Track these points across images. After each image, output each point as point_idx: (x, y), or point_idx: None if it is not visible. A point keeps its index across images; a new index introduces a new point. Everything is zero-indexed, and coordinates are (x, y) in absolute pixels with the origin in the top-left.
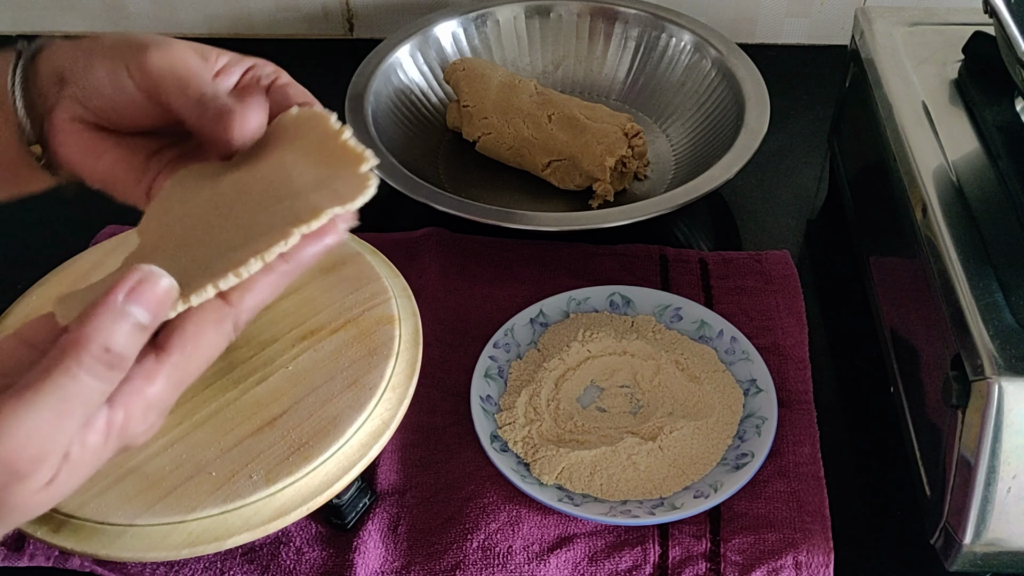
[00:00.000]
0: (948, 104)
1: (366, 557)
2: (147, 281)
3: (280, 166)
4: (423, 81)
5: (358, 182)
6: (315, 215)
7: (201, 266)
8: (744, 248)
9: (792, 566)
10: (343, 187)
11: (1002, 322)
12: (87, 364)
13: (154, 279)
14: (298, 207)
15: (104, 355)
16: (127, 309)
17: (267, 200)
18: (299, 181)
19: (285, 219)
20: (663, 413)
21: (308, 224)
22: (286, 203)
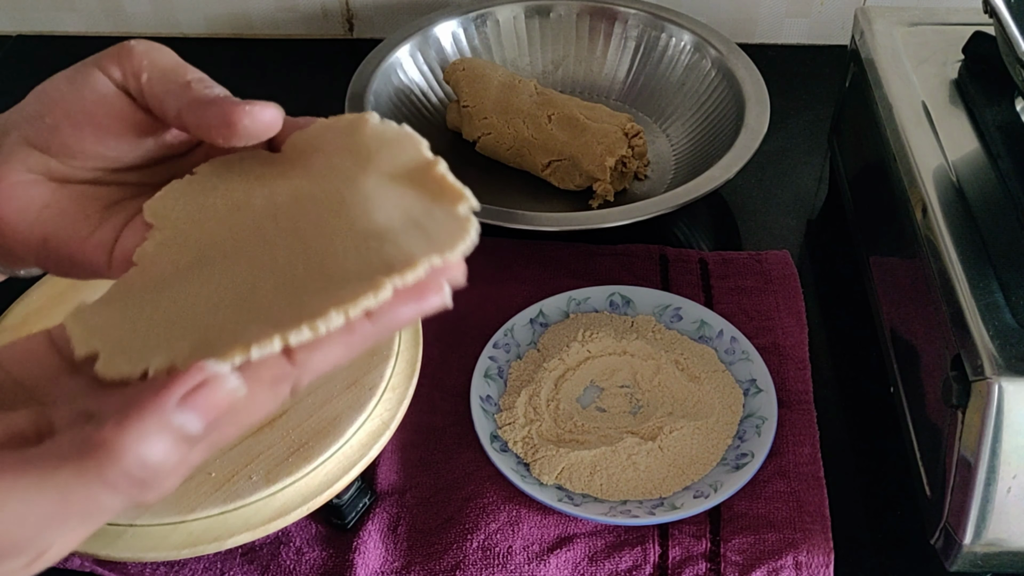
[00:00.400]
0: (948, 104)
1: (366, 557)
2: (210, 385)
3: (354, 187)
4: (423, 81)
5: (456, 226)
6: (410, 264)
7: (260, 301)
8: (744, 248)
9: (792, 566)
10: (437, 230)
11: (1002, 322)
12: (112, 480)
13: (219, 383)
14: (387, 251)
15: (138, 471)
16: (177, 419)
17: (343, 231)
18: (382, 214)
19: (372, 264)
20: (663, 413)
21: (402, 275)
22: (371, 243)
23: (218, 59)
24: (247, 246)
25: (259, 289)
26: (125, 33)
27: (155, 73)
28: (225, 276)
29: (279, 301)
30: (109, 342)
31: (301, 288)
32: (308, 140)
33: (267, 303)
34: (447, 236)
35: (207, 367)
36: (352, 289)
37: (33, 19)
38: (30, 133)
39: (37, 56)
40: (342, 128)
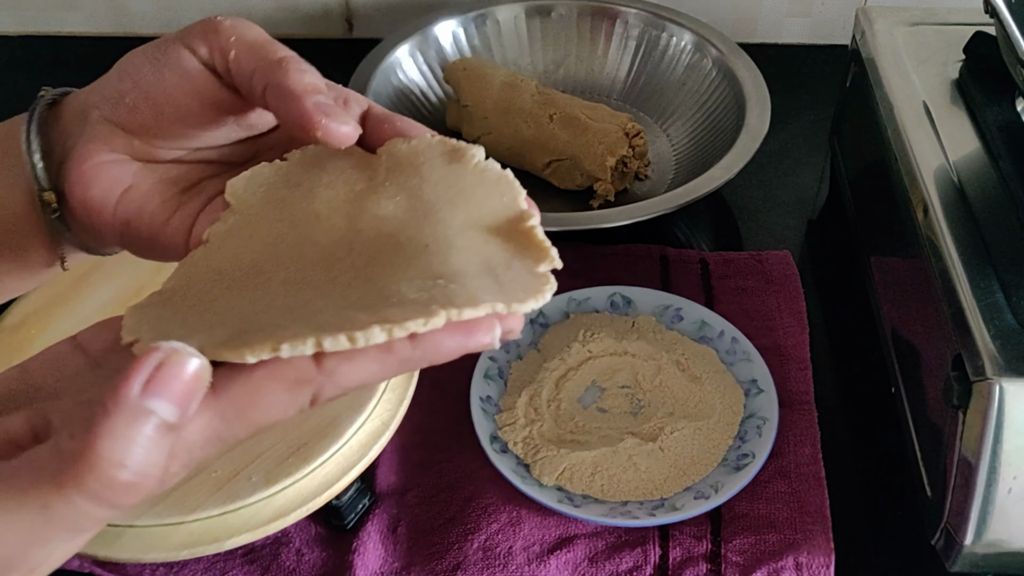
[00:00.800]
0: (949, 104)
1: (366, 558)
2: (170, 364)
3: (441, 226)
4: (423, 81)
5: (533, 282)
6: (471, 303)
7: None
8: (745, 248)
9: (793, 567)
10: (512, 282)
11: (1003, 322)
12: (93, 491)
13: (180, 360)
14: (452, 289)
15: (120, 475)
16: (145, 405)
17: (417, 264)
18: (460, 259)
19: (433, 295)
20: (664, 414)
21: (460, 309)
22: (440, 281)
23: None
24: (313, 265)
25: (311, 304)
26: (128, 33)
27: (243, 50)
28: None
29: (326, 313)
30: (153, 330)
31: (352, 306)
32: (408, 155)
33: (315, 313)
34: (521, 290)
35: (162, 346)
36: (404, 311)
37: (36, 19)
38: (112, 113)
39: (40, 56)
40: (446, 153)
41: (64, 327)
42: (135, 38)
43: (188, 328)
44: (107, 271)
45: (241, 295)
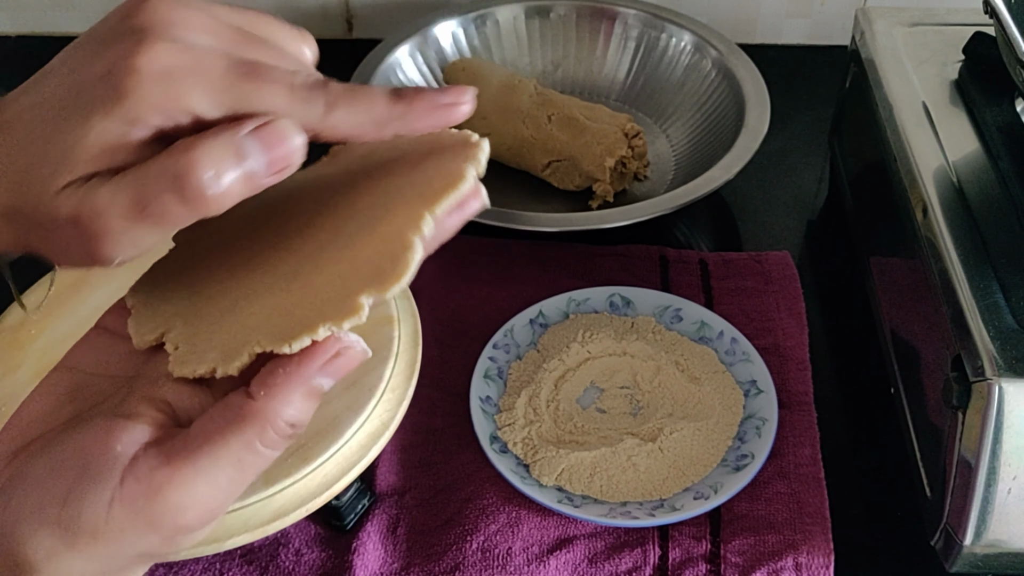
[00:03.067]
0: (948, 105)
1: (365, 559)
2: (344, 354)
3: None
4: (423, 81)
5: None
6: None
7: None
8: (744, 249)
9: (792, 567)
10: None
11: (1003, 323)
12: (271, 439)
13: (352, 351)
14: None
15: (286, 429)
16: (319, 382)
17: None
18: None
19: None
20: (663, 414)
21: (312, 334)
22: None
23: None
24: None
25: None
26: None
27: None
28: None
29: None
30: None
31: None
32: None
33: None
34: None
35: (343, 338)
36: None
37: (32, 19)
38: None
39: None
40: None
41: (64, 327)
42: None
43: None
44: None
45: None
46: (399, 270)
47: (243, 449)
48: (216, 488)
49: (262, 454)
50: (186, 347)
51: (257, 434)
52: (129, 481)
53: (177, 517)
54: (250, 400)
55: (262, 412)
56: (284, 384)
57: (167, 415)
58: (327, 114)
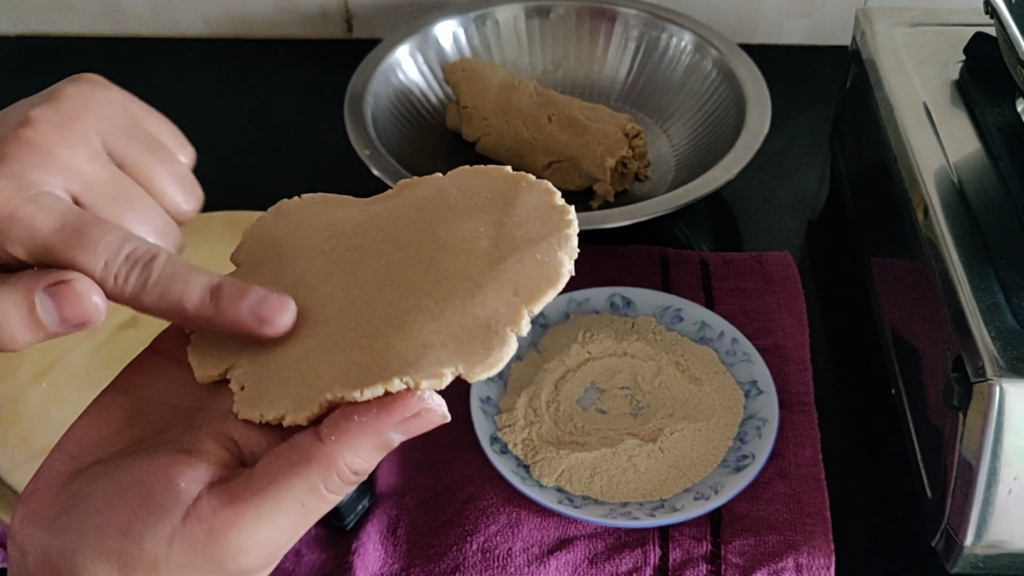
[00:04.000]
0: (949, 105)
1: (365, 559)
2: (423, 415)
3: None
4: (423, 81)
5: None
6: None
7: (375, 347)
8: (745, 249)
9: (793, 568)
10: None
11: (1003, 323)
12: (335, 484)
13: (431, 413)
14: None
15: (350, 476)
16: (391, 437)
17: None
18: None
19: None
20: (663, 415)
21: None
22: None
23: (217, 59)
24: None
25: (370, 333)
26: (123, 34)
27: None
28: (343, 317)
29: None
30: (238, 378)
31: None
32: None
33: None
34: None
35: (425, 398)
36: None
37: (32, 20)
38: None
39: (36, 57)
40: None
41: None
42: (130, 39)
43: (271, 384)
44: None
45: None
46: (491, 360)
47: (308, 493)
48: (278, 532)
49: (326, 498)
50: (253, 389)
51: (322, 478)
52: (191, 520)
53: (238, 559)
54: (319, 442)
55: (330, 456)
56: (357, 431)
57: (232, 453)
58: (138, 294)
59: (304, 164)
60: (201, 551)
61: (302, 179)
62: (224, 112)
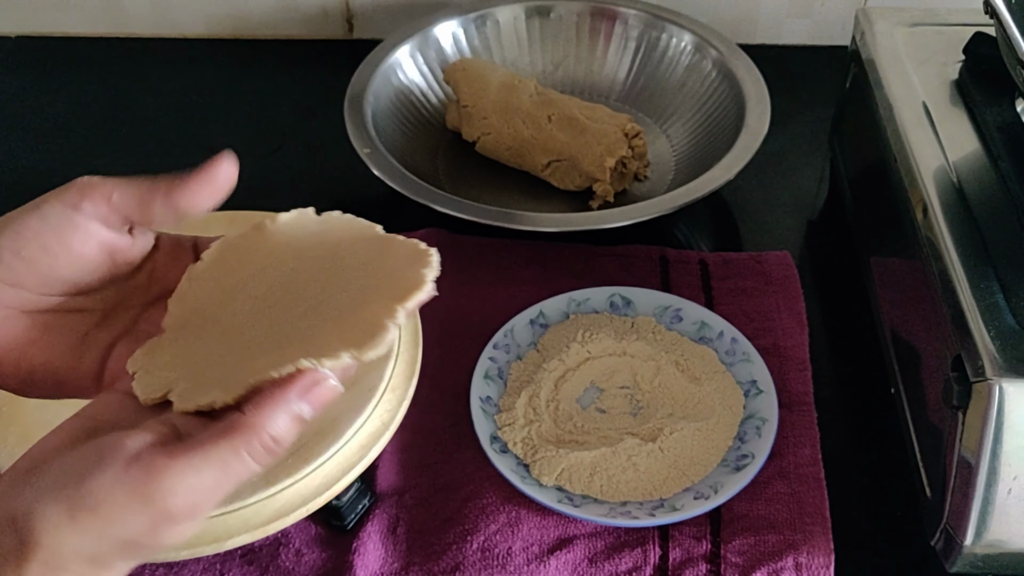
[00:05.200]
0: (949, 105)
1: (365, 558)
2: (321, 384)
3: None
4: (423, 81)
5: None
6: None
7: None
8: (744, 249)
9: (792, 567)
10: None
11: (1003, 323)
12: (254, 449)
13: (327, 383)
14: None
15: (270, 443)
16: (299, 407)
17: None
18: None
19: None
20: (663, 414)
21: (318, 361)
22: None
23: (218, 59)
24: (263, 309)
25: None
26: (124, 34)
27: (121, 186)
28: (261, 339)
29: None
30: (175, 386)
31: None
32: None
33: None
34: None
35: (319, 372)
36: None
37: (33, 19)
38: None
39: (37, 57)
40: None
41: None
42: (131, 39)
43: (203, 379)
44: None
45: (224, 341)
46: (375, 343)
47: (230, 454)
48: (203, 482)
49: (246, 462)
50: (189, 390)
51: (243, 443)
52: (133, 466)
53: (167, 499)
54: (240, 415)
55: (249, 424)
56: (269, 402)
57: (172, 433)
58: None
59: (304, 164)
60: (138, 490)
61: (302, 179)
62: (224, 112)
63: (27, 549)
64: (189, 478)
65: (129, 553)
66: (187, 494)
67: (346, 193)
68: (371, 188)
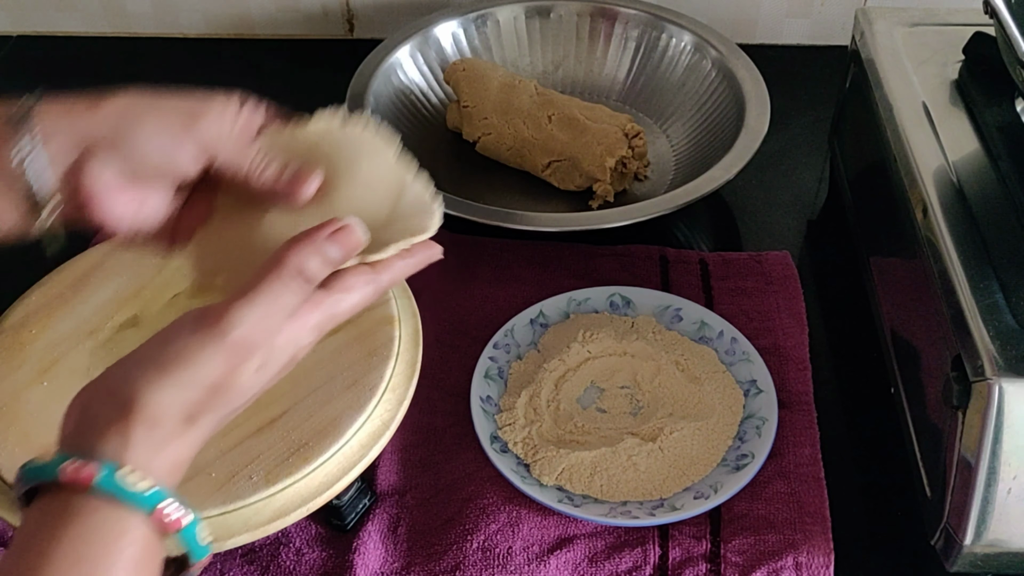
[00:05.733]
0: (948, 105)
1: (366, 558)
2: (347, 230)
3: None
4: (423, 81)
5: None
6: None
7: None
8: (744, 249)
9: (792, 567)
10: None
11: (1002, 323)
12: (286, 277)
13: (353, 229)
14: (411, 224)
15: (299, 274)
16: (326, 246)
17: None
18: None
19: (409, 227)
20: (663, 414)
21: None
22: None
23: (218, 59)
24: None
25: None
26: (125, 33)
27: (226, 154)
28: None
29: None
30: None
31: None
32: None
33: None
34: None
35: (348, 219)
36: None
37: (34, 19)
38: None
39: (37, 56)
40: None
41: (64, 327)
42: (132, 39)
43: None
44: (107, 271)
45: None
46: (435, 213)
47: (272, 282)
48: (258, 312)
49: (287, 287)
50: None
51: (276, 273)
52: (201, 317)
53: (233, 331)
54: (281, 252)
55: (287, 258)
56: (304, 241)
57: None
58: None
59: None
60: (209, 331)
61: None
62: None
63: (129, 411)
64: (246, 311)
65: (216, 400)
66: (249, 325)
67: None
68: None
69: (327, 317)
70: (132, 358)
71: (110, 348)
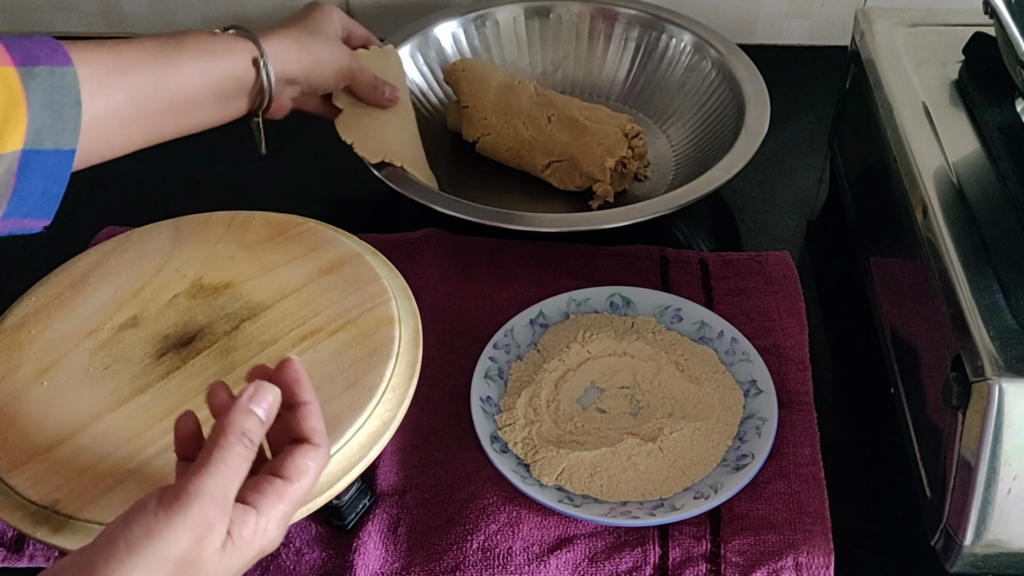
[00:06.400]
0: (948, 105)
1: (366, 558)
2: (260, 390)
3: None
4: (423, 81)
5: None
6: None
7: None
8: (744, 249)
9: (792, 567)
10: None
11: (1002, 323)
12: (233, 441)
13: (265, 390)
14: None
15: (242, 436)
16: (252, 408)
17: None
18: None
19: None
20: (663, 414)
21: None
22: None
23: None
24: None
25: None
26: (124, 33)
27: (365, 89)
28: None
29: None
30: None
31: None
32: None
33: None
34: None
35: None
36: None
37: (31, 19)
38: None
39: None
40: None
41: (64, 327)
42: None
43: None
44: (107, 271)
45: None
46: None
47: (222, 449)
48: (218, 482)
49: (236, 452)
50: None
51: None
52: (165, 493)
53: (196, 501)
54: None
55: (223, 426)
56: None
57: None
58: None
59: (304, 164)
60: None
61: (302, 179)
62: None
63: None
64: (204, 481)
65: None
66: (208, 494)
67: (347, 193)
68: (372, 188)
69: (291, 506)
70: (99, 540)
71: (110, 348)
